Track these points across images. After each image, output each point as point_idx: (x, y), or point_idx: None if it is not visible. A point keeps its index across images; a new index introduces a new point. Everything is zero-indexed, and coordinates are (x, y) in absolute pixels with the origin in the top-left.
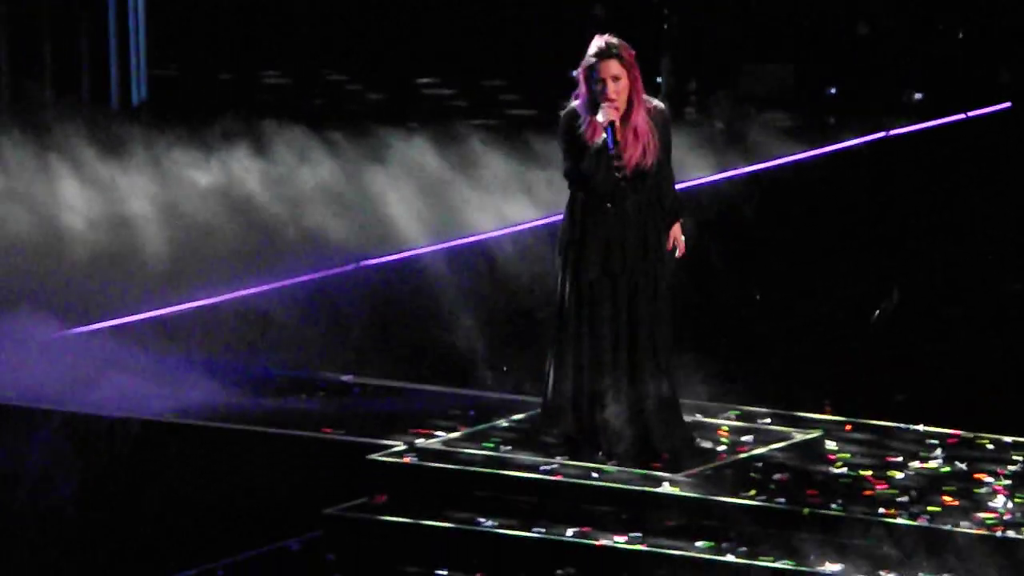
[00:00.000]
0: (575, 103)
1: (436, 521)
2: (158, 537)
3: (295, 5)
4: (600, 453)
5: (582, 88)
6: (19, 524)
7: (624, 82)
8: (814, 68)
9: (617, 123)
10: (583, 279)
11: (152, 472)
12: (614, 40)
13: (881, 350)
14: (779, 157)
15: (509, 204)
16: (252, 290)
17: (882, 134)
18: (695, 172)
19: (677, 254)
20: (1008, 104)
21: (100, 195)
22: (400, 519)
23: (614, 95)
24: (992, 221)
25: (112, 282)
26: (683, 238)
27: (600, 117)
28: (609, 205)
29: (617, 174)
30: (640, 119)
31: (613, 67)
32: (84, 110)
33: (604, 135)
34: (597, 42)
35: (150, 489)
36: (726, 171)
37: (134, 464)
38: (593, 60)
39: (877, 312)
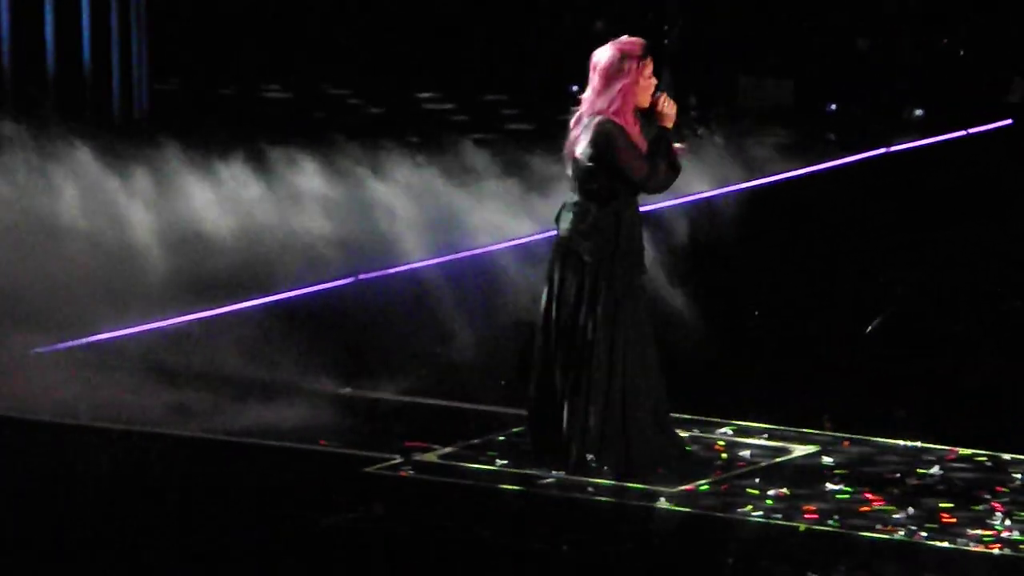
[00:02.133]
0: (610, 112)
1: (432, 534)
2: (149, 545)
3: (296, 20)
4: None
5: (626, 91)
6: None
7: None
8: (814, 84)
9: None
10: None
11: (146, 482)
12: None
13: (882, 366)
14: (779, 173)
15: (509, 218)
16: (251, 302)
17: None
18: (696, 187)
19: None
20: (1010, 121)
21: (99, 205)
22: (396, 532)
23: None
24: (993, 237)
25: (109, 294)
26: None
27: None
28: (637, 201)
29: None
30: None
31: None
32: (86, 121)
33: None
34: (635, 41)
35: (142, 499)
36: (726, 186)
37: (130, 475)
38: (644, 57)
39: (871, 326)
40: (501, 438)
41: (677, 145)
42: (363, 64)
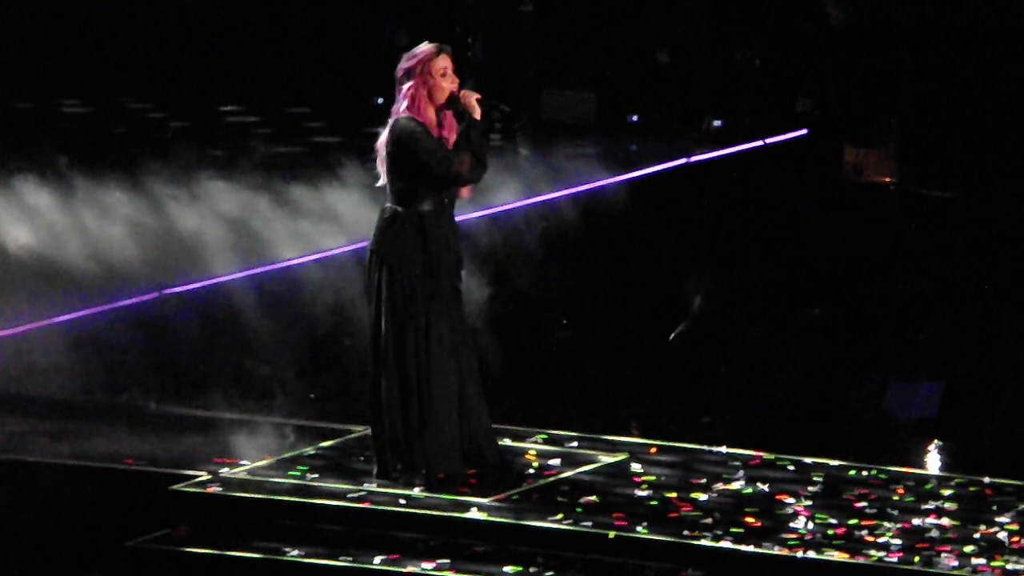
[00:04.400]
0: (404, 112)
1: (241, 552)
2: None
3: (92, 34)
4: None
5: (417, 91)
6: None
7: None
8: (615, 96)
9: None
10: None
11: None
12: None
13: (686, 372)
14: (583, 183)
15: (314, 230)
16: (54, 320)
17: (760, 143)
18: (501, 199)
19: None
20: (805, 131)
21: None
22: (204, 550)
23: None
24: (793, 244)
25: None
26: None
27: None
28: (445, 199)
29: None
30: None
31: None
32: None
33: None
34: (424, 46)
35: None
36: (531, 197)
37: None
38: (433, 58)
39: (674, 333)
40: (311, 451)
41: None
42: (165, 77)
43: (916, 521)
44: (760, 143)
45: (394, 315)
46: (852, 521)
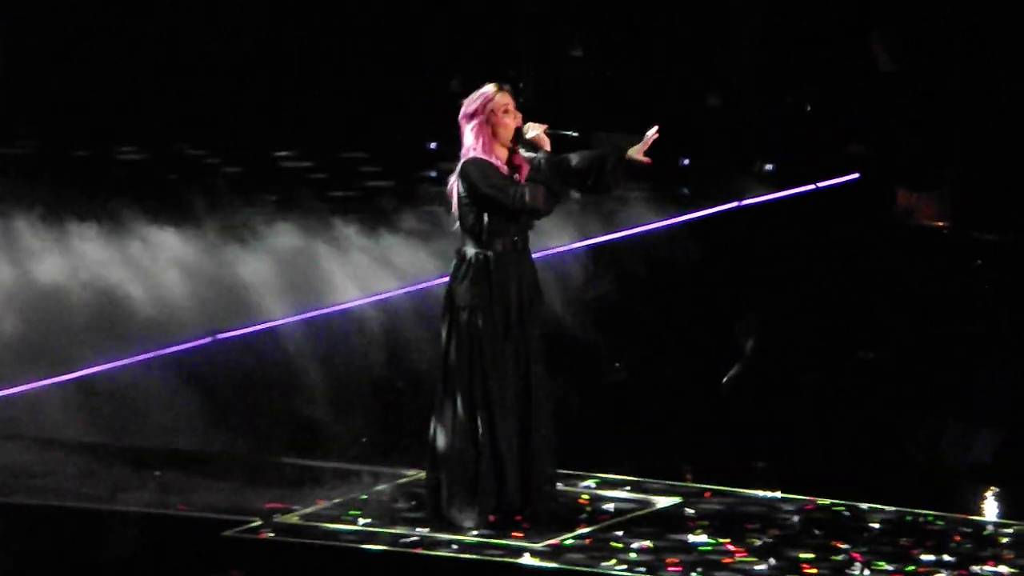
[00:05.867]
0: (473, 153)
1: None
2: None
3: (147, 81)
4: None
5: (481, 130)
6: None
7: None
8: (667, 139)
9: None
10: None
11: (5, 552)
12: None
13: (739, 417)
14: (635, 226)
15: (369, 274)
16: (107, 365)
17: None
18: (555, 242)
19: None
20: (857, 175)
21: None
22: None
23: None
24: (843, 289)
25: None
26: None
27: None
28: (516, 238)
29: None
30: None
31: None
32: None
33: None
34: (485, 88)
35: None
36: (585, 240)
37: None
38: (494, 97)
39: (727, 377)
40: (364, 496)
41: (650, 134)
42: (220, 124)
43: (974, 568)
44: (812, 187)
45: (462, 357)
46: (909, 568)
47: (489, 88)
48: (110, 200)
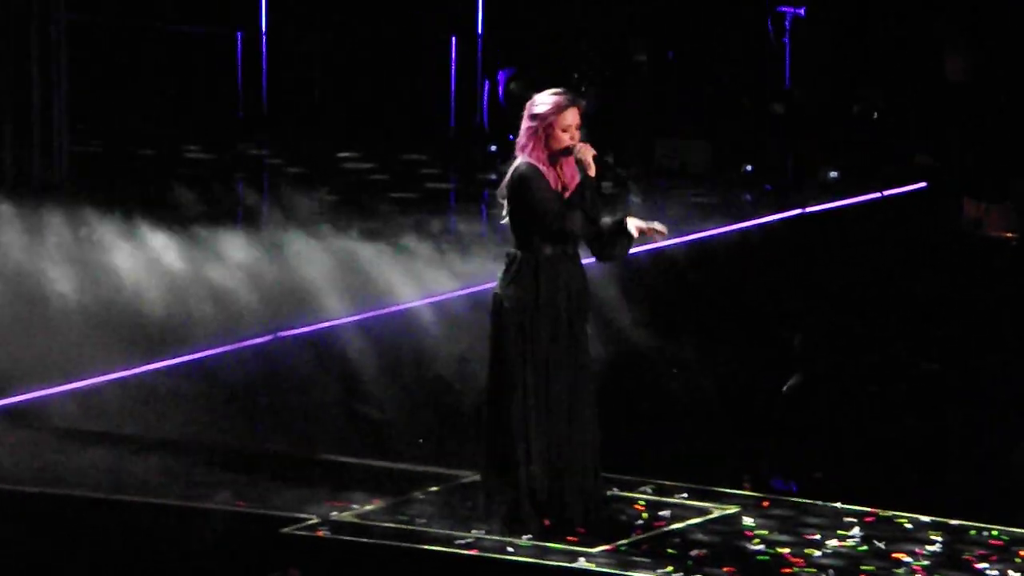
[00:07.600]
0: (525, 160)
1: None
2: None
3: (217, 84)
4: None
5: (534, 136)
6: None
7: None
8: (730, 145)
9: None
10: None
11: (67, 546)
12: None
13: (800, 425)
14: (697, 232)
15: (428, 274)
16: (166, 362)
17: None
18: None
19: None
20: (924, 184)
21: (18, 266)
22: None
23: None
24: (908, 299)
25: (28, 355)
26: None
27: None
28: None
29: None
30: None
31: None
32: (6, 184)
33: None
34: (562, 96)
35: (65, 563)
36: (645, 245)
37: (50, 538)
38: (565, 107)
39: (788, 385)
40: (420, 496)
41: (657, 228)
42: (282, 124)
43: None
44: (878, 195)
45: (509, 359)
46: None
47: (563, 99)
48: (174, 197)
